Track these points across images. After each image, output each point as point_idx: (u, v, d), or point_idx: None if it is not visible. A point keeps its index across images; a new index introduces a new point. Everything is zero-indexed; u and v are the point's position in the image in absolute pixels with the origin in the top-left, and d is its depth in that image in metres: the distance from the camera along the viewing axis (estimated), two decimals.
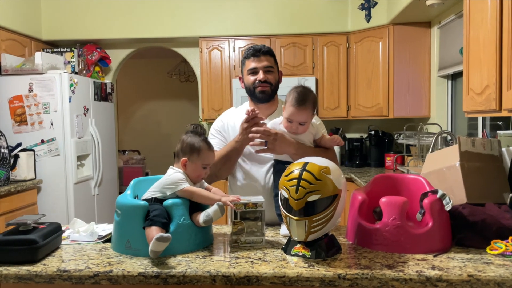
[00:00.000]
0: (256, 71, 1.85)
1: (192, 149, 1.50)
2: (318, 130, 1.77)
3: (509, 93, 1.76)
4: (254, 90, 1.86)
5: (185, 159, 1.50)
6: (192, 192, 1.45)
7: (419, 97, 3.86)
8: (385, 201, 1.40)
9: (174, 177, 1.47)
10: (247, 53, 1.88)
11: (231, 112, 2.02)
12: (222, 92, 4.27)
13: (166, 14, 4.29)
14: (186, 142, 1.51)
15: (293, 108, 1.64)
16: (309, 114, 1.67)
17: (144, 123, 7.03)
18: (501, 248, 1.32)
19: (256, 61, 1.85)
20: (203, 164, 1.51)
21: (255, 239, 1.45)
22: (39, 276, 1.26)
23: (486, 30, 1.94)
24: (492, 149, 1.69)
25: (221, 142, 1.92)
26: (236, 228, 1.45)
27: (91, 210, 4.01)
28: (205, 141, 1.52)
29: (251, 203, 1.44)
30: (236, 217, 1.44)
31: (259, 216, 1.45)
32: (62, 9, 4.31)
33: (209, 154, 1.52)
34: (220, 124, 1.97)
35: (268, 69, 1.85)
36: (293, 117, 1.66)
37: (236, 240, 1.45)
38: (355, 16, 4.13)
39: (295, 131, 1.69)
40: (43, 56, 3.62)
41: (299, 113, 1.64)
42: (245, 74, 1.90)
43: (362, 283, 1.19)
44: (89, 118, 4.00)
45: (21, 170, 3.38)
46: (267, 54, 1.86)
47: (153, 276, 1.23)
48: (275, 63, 1.90)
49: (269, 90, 1.85)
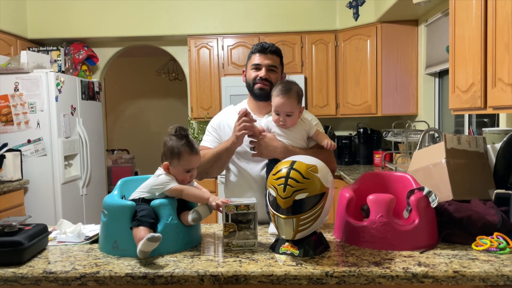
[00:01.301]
0: (259, 67, 1.84)
1: (172, 153, 1.46)
2: (311, 126, 1.77)
3: (494, 91, 1.79)
4: (253, 86, 1.85)
5: (167, 164, 1.47)
6: (181, 190, 1.44)
7: (406, 94, 3.90)
8: (372, 198, 1.41)
9: (162, 178, 1.46)
10: (254, 48, 1.87)
11: (229, 110, 2.00)
12: (211, 90, 4.26)
13: (154, 12, 4.26)
14: (167, 146, 1.48)
15: (278, 99, 1.66)
16: (294, 103, 1.67)
17: (133, 122, 6.97)
18: (486, 244, 1.34)
19: (261, 58, 1.84)
20: (184, 168, 1.47)
21: (248, 242, 1.41)
22: (25, 278, 1.25)
23: (471, 28, 1.96)
24: (478, 146, 1.71)
25: (215, 139, 1.91)
26: (228, 231, 1.41)
27: (80, 210, 3.97)
28: (186, 144, 1.47)
29: (243, 205, 1.39)
30: (228, 220, 1.40)
31: (252, 219, 1.40)
32: (48, 7, 4.25)
33: (190, 158, 1.47)
34: (216, 122, 1.95)
35: (272, 68, 1.84)
36: (279, 108, 1.67)
37: (228, 243, 1.41)
38: (343, 14, 4.15)
39: (284, 123, 1.69)
40: (28, 55, 3.57)
41: (284, 102, 1.65)
42: (248, 68, 1.89)
43: (349, 281, 1.20)
44: (77, 117, 3.96)
45: (7, 170, 3.34)
46: (274, 53, 1.85)
47: (141, 276, 1.23)
48: (280, 64, 1.89)
49: (268, 89, 1.82)
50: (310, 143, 1.78)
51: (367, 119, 4.41)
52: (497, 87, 1.76)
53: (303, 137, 1.76)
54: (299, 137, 1.74)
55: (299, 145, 1.73)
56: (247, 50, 4.19)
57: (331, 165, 1.81)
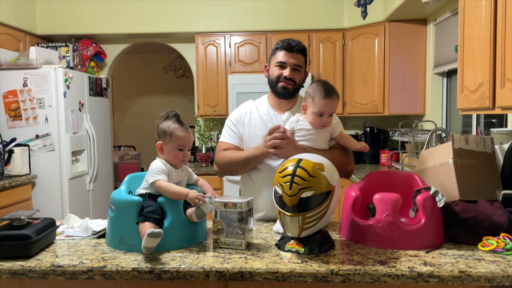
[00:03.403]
0: (284, 65, 1.81)
1: (164, 132, 1.52)
2: (334, 128, 1.76)
3: (503, 91, 1.77)
4: (276, 84, 1.82)
5: (160, 143, 1.52)
6: (159, 186, 1.43)
7: (414, 94, 3.88)
8: (378, 197, 1.41)
9: (153, 167, 1.48)
10: (281, 45, 1.83)
11: (248, 104, 1.96)
12: (218, 88, 4.26)
13: (162, 9, 4.27)
14: (159, 127, 1.54)
15: (325, 100, 1.65)
16: (337, 103, 1.69)
17: (139, 118, 7.00)
18: (492, 245, 1.33)
19: (287, 56, 1.80)
20: (177, 145, 1.51)
21: (235, 241, 1.39)
22: (32, 271, 1.26)
23: (481, 28, 1.95)
24: (485, 147, 1.70)
25: (235, 135, 1.89)
26: (216, 228, 1.42)
27: (86, 205, 4.00)
28: (177, 122, 1.53)
29: (231, 203, 1.38)
30: (216, 216, 1.41)
31: (242, 218, 1.38)
32: (57, 4, 4.28)
33: (181, 135, 1.52)
34: (236, 116, 1.92)
35: (296, 67, 1.82)
36: (326, 109, 1.66)
37: (216, 240, 1.42)
38: (351, 13, 4.13)
39: (325, 124, 1.69)
40: (37, 51, 3.60)
41: (331, 103, 1.66)
42: (272, 64, 1.86)
43: (354, 279, 1.20)
44: (84, 113, 3.99)
45: (15, 165, 3.37)
46: (300, 53, 1.82)
47: (147, 271, 1.24)
48: (304, 63, 1.86)
49: (292, 88, 1.82)
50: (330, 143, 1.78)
51: (374, 118, 4.39)
52: (506, 87, 1.75)
53: (327, 139, 1.75)
54: (324, 139, 1.73)
55: (321, 147, 1.72)
56: (254, 48, 4.20)
57: (349, 166, 1.81)
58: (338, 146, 1.79)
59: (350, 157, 1.82)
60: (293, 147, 1.65)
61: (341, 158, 1.73)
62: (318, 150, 1.68)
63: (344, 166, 1.71)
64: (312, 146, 1.69)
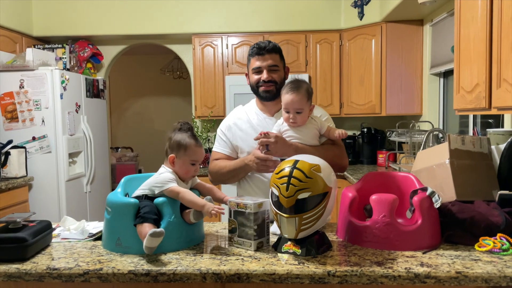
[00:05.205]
0: (260, 70, 1.83)
1: (179, 145, 1.50)
2: (322, 124, 1.77)
3: (499, 92, 1.78)
4: (258, 89, 1.85)
5: (173, 156, 1.50)
6: (177, 192, 1.43)
7: (411, 94, 3.88)
8: (375, 198, 1.41)
9: (163, 176, 1.47)
10: (251, 51, 1.85)
11: (238, 111, 1.98)
12: (215, 89, 4.26)
13: (159, 10, 4.26)
14: (173, 139, 1.52)
15: (287, 96, 1.66)
16: (303, 100, 1.67)
17: (137, 120, 6.99)
18: (489, 245, 1.34)
19: (260, 60, 1.82)
20: (190, 160, 1.50)
21: (245, 242, 1.41)
22: (28, 274, 1.26)
23: (477, 28, 1.95)
24: (482, 147, 1.71)
25: (226, 144, 1.91)
26: (231, 226, 1.44)
27: (83, 207, 3.99)
28: (192, 137, 1.52)
29: (242, 204, 1.40)
30: (230, 215, 1.44)
31: (252, 219, 1.38)
32: (53, 5, 4.27)
33: (196, 150, 1.51)
34: (226, 125, 1.94)
35: (273, 68, 1.83)
36: (288, 105, 1.67)
37: (230, 238, 1.45)
38: (348, 14, 4.14)
39: (294, 121, 1.69)
40: (34, 53, 3.59)
41: (294, 99, 1.65)
42: (250, 72, 1.88)
43: (351, 280, 1.20)
44: (81, 115, 3.98)
45: (12, 167, 3.36)
46: (271, 52, 1.83)
47: (144, 273, 1.23)
48: (280, 60, 1.87)
49: (274, 89, 1.83)
50: (321, 140, 1.79)
51: (371, 118, 4.40)
52: (502, 87, 1.75)
53: (316, 136, 1.76)
54: (311, 136, 1.74)
55: (311, 144, 1.73)
56: None
57: (343, 161, 1.82)
58: (330, 141, 1.80)
59: (343, 151, 1.84)
60: (285, 145, 1.66)
61: (333, 152, 1.75)
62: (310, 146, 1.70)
63: (337, 160, 1.73)
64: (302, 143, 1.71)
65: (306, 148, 1.68)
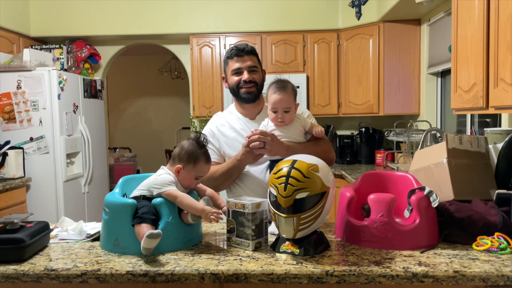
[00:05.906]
0: (240, 71, 1.83)
1: (189, 158, 1.47)
2: (306, 121, 1.79)
3: (496, 91, 1.78)
4: (238, 91, 1.85)
5: (180, 167, 1.48)
6: (175, 196, 1.41)
7: (409, 94, 3.89)
8: (373, 198, 1.41)
9: (162, 178, 1.46)
10: (230, 53, 1.85)
11: (218, 117, 1.97)
12: (213, 89, 4.26)
13: (157, 11, 4.26)
14: (185, 149, 1.49)
15: (275, 95, 1.68)
16: (291, 99, 1.70)
17: (135, 120, 6.99)
18: (487, 244, 1.34)
19: (239, 61, 1.83)
20: (196, 175, 1.49)
21: (243, 242, 1.40)
22: (26, 275, 1.25)
23: (474, 28, 1.96)
24: (479, 146, 1.71)
25: (213, 151, 1.89)
26: (229, 227, 1.44)
27: (81, 208, 3.99)
28: (205, 154, 1.50)
29: (240, 204, 1.40)
30: (229, 215, 1.43)
31: (250, 219, 1.37)
32: (50, 5, 4.26)
33: (204, 167, 1.50)
34: (209, 131, 1.92)
35: (253, 68, 1.84)
36: (276, 104, 1.68)
37: (229, 238, 1.44)
38: (345, 13, 4.14)
39: (282, 120, 1.71)
40: (31, 53, 3.58)
41: (282, 98, 1.67)
42: (228, 74, 1.88)
43: (349, 280, 1.20)
44: (79, 115, 3.97)
45: (9, 168, 3.35)
46: (250, 54, 1.84)
47: (142, 274, 1.23)
48: (258, 62, 1.89)
49: (255, 90, 1.84)
50: (306, 136, 1.81)
51: (369, 118, 4.40)
52: (499, 87, 1.76)
53: (302, 133, 1.78)
54: (298, 133, 1.76)
55: (299, 141, 1.76)
56: None
57: (330, 154, 1.85)
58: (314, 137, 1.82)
59: (329, 144, 1.87)
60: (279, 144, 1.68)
61: (322, 147, 1.79)
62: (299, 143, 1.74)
63: (326, 154, 1.77)
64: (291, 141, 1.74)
65: (296, 146, 1.71)
